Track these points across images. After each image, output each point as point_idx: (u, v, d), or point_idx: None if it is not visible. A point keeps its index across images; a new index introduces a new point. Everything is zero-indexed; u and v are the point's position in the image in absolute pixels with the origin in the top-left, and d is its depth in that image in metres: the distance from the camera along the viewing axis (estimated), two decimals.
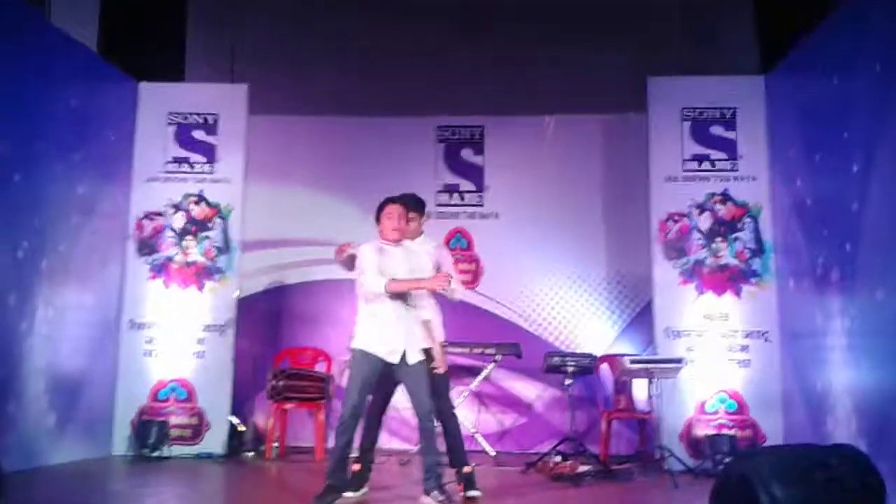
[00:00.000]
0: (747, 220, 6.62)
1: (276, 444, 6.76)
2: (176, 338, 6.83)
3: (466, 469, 4.82)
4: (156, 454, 6.41)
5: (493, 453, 6.69)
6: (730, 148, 6.75)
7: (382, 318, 4.55)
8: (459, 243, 7.89)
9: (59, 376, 5.93)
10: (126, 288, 6.88)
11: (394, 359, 4.53)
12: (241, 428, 7.08)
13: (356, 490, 4.80)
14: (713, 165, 6.75)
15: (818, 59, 5.76)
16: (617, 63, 7.54)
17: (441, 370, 4.70)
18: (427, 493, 4.49)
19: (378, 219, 4.72)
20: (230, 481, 5.88)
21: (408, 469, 6.16)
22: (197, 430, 6.71)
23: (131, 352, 6.80)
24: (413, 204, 5.00)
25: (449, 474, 4.74)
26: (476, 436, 6.87)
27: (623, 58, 7.55)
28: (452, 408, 5.00)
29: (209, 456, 6.57)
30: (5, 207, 5.33)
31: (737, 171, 6.71)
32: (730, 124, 6.78)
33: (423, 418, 4.55)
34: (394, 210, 4.66)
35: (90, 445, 6.36)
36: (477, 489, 4.76)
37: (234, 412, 6.93)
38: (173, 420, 6.66)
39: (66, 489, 5.10)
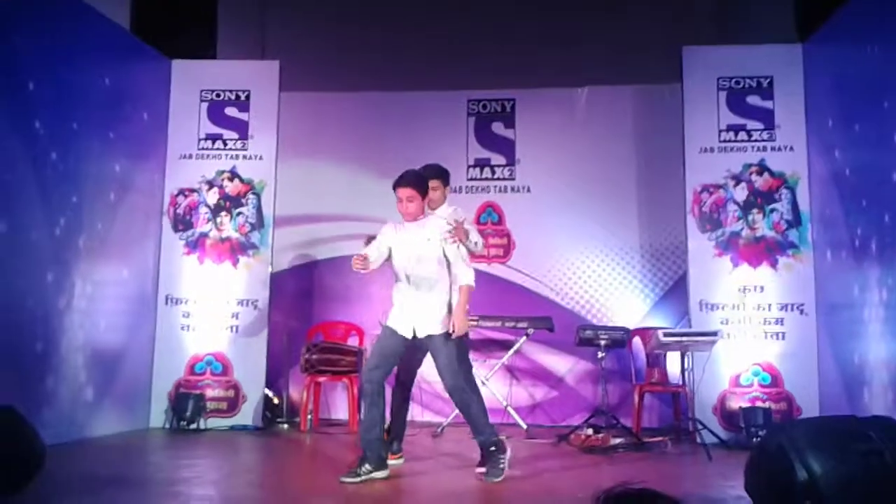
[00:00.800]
0: (784, 190, 6.52)
1: (309, 417, 6.84)
2: (211, 312, 6.91)
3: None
4: (192, 427, 6.54)
5: (525, 426, 6.71)
6: (766, 118, 6.64)
7: (398, 298, 4.75)
8: (490, 217, 7.87)
9: (97, 351, 6.03)
10: (162, 264, 6.97)
11: (407, 333, 4.64)
12: (276, 401, 7.17)
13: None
14: (749, 136, 6.65)
15: (857, 26, 5.63)
16: (651, 32, 7.44)
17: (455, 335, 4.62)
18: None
19: None
20: (265, 453, 5.96)
21: (439, 441, 6.21)
22: (233, 403, 6.81)
23: (168, 326, 6.90)
24: (432, 175, 5.04)
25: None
26: (508, 409, 6.88)
27: (657, 27, 7.45)
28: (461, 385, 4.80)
29: (244, 428, 6.67)
30: (43, 185, 5.41)
31: (774, 141, 6.60)
32: (766, 94, 6.66)
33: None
34: (400, 194, 4.70)
35: (128, 418, 6.49)
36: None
37: (269, 385, 7.02)
38: (209, 393, 6.76)
39: (105, 461, 5.20)
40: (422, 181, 4.79)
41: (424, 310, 4.64)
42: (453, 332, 4.55)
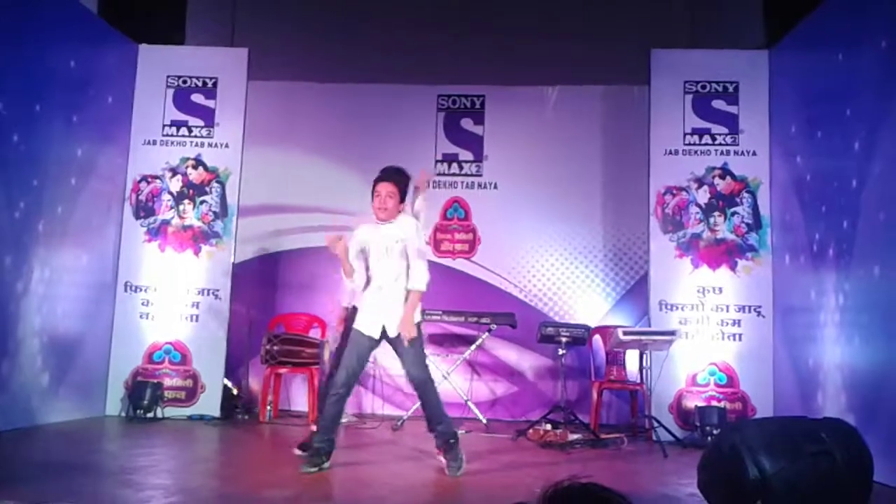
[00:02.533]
0: (746, 194, 6.62)
1: (269, 408, 6.80)
2: (171, 301, 6.84)
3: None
4: (149, 415, 6.47)
5: (485, 421, 6.74)
6: (731, 122, 6.74)
7: (368, 300, 4.71)
8: (457, 213, 7.89)
9: (53, 337, 5.94)
10: (122, 250, 6.88)
11: (375, 334, 4.63)
12: (235, 391, 7.12)
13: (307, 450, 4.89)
14: (713, 139, 6.74)
15: (823, 34, 5.72)
16: (620, 34, 7.49)
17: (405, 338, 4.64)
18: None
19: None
20: (223, 443, 5.92)
21: (399, 434, 6.22)
22: (191, 393, 6.75)
23: (126, 314, 6.81)
24: (393, 177, 4.75)
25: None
26: (468, 403, 6.91)
27: (627, 29, 7.51)
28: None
29: (202, 418, 6.62)
30: (3, 167, 5.31)
31: (737, 145, 6.70)
32: (732, 98, 6.76)
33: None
34: (380, 189, 4.63)
35: (84, 406, 6.40)
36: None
37: (228, 375, 6.97)
38: (167, 382, 6.70)
39: (59, 448, 5.13)
40: (403, 179, 4.70)
41: (393, 308, 4.63)
42: (406, 336, 4.55)
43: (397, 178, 4.65)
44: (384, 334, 4.65)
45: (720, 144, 6.72)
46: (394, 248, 4.63)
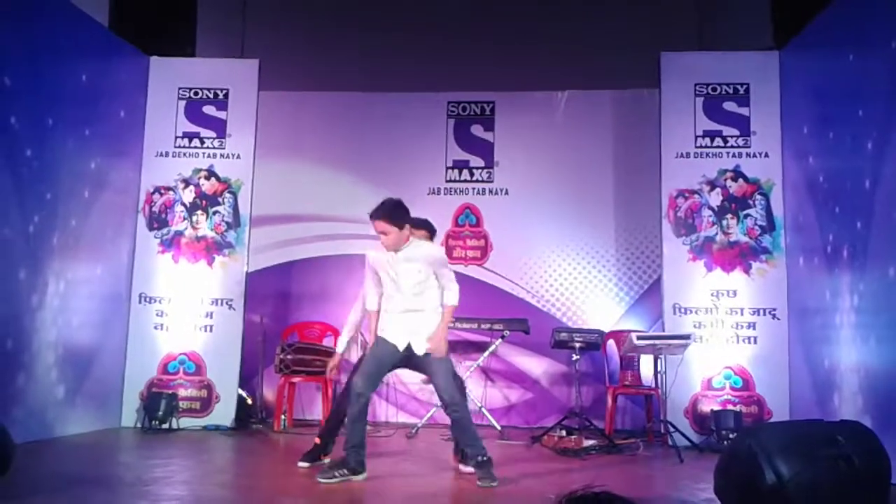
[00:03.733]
0: (759, 196, 6.59)
1: (283, 417, 6.81)
2: (185, 312, 6.87)
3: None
4: (164, 426, 6.49)
5: (499, 428, 6.72)
6: (742, 124, 6.71)
7: (391, 309, 4.72)
8: (468, 219, 7.89)
9: (69, 349, 5.98)
10: (136, 262, 6.92)
11: (400, 344, 4.63)
12: (250, 401, 7.14)
13: (312, 461, 4.94)
14: (725, 142, 6.71)
15: (833, 35, 5.70)
16: (630, 38, 7.49)
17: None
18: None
19: None
20: (238, 453, 5.93)
21: (413, 442, 6.22)
22: (206, 403, 6.77)
23: (141, 325, 6.85)
24: (385, 214, 4.60)
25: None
26: (483, 410, 6.90)
27: (636, 32, 7.50)
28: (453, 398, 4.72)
29: (217, 428, 6.63)
30: (17, 182, 5.35)
31: (749, 147, 6.67)
32: (743, 100, 6.73)
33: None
34: (374, 227, 4.59)
35: (99, 417, 6.43)
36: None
37: (243, 385, 6.99)
38: (182, 392, 6.72)
39: (75, 460, 5.15)
40: (394, 213, 4.56)
41: (421, 327, 4.63)
42: (435, 352, 4.56)
43: (384, 215, 4.54)
44: (409, 350, 4.63)
45: (732, 147, 6.69)
46: (417, 277, 4.62)
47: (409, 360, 4.71)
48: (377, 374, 4.68)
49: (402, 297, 4.65)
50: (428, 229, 5.19)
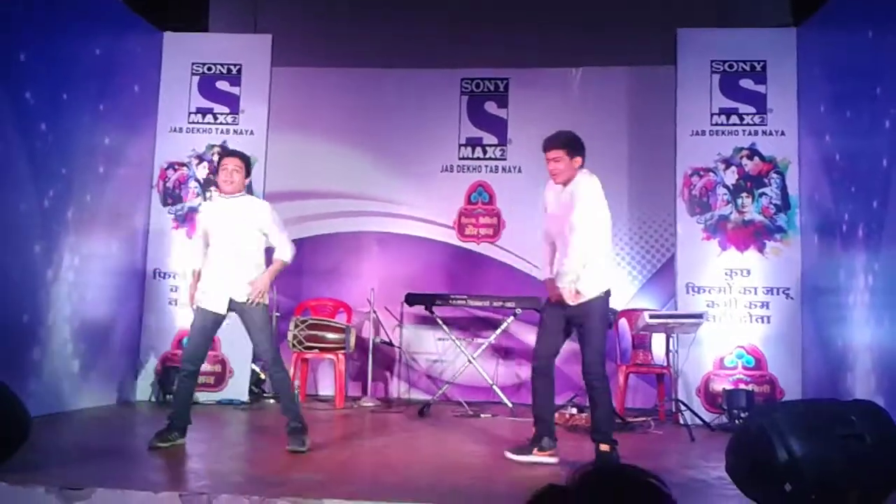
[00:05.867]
0: (774, 175, 6.54)
1: (296, 392, 6.85)
2: None
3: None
4: None
5: (510, 405, 6.75)
6: (759, 102, 6.64)
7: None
8: (481, 197, 7.87)
9: (84, 323, 6.02)
10: (150, 237, 6.95)
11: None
12: (263, 375, 7.17)
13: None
14: (741, 119, 6.65)
15: (851, 12, 5.62)
16: (646, 14, 7.41)
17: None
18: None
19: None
20: (252, 427, 5.98)
21: (425, 419, 6.25)
22: (220, 378, 6.82)
23: (155, 300, 6.89)
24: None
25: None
26: (494, 387, 6.92)
27: (652, 8, 7.42)
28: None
29: (231, 402, 6.68)
30: (32, 156, 5.37)
31: (765, 125, 6.61)
32: (759, 77, 6.66)
33: None
34: (227, 162, 4.74)
35: (114, 391, 6.50)
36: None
37: (256, 360, 7.02)
38: None
39: (90, 433, 5.21)
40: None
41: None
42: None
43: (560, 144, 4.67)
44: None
45: (748, 124, 6.63)
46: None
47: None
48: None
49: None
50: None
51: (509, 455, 4.51)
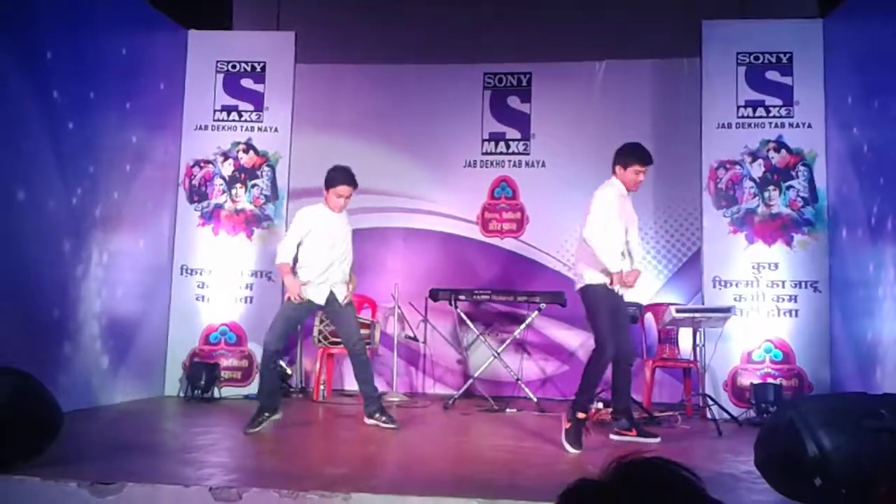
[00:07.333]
0: (801, 167, 6.47)
1: (322, 387, 6.89)
2: (226, 283, 6.96)
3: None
4: (207, 395, 6.60)
5: (536, 400, 6.74)
6: (785, 94, 6.57)
7: None
8: (504, 192, 7.86)
9: (113, 319, 6.09)
10: (177, 234, 7.01)
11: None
12: (289, 371, 7.22)
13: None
14: (767, 112, 6.59)
15: (878, 2, 5.56)
16: (669, 6, 7.36)
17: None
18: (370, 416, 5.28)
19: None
20: (279, 422, 6.01)
21: (450, 413, 6.26)
22: (247, 373, 6.87)
23: (183, 296, 6.96)
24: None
25: None
26: (519, 382, 6.92)
27: (677, 0, 7.36)
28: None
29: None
30: (60, 155, 5.44)
31: (792, 117, 6.54)
32: (786, 69, 6.59)
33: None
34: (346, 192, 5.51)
35: (143, 387, 6.56)
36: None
37: (282, 356, 7.06)
38: (224, 363, 6.83)
39: (120, 428, 5.27)
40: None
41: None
42: None
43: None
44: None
45: (774, 117, 6.57)
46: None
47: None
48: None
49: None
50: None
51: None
